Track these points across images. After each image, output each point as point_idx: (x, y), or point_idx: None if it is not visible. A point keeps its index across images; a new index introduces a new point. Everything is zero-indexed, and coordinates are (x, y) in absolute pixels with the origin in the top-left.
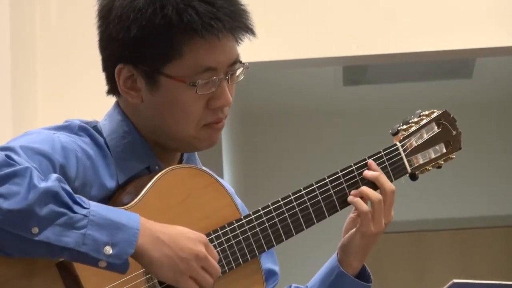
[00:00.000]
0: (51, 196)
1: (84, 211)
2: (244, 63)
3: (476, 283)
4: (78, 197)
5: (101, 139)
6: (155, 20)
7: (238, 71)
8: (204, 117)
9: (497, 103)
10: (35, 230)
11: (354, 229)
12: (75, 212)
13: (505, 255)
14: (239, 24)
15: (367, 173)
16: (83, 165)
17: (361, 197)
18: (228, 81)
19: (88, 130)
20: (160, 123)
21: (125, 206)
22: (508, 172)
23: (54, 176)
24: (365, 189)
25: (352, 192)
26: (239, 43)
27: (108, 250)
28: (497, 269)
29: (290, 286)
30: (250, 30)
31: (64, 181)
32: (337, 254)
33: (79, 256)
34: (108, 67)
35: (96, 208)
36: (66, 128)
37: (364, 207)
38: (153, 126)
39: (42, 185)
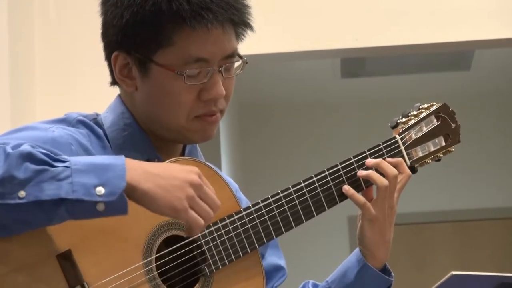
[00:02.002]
0: (26, 157)
1: (64, 164)
2: (243, 58)
3: (475, 275)
4: (57, 154)
5: (100, 131)
6: (145, 6)
7: (235, 65)
8: (196, 108)
9: (496, 95)
10: (22, 194)
11: (360, 220)
12: (55, 166)
13: (506, 247)
14: (233, 17)
15: (370, 161)
16: None
17: (368, 181)
18: (222, 73)
19: (86, 122)
20: (153, 112)
21: None
22: (508, 164)
23: (26, 143)
24: (372, 173)
25: (361, 172)
26: (241, 38)
27: (100, 190)
28: (498, 261)
29: (308, 283)
30: (246, 24)
31: (39, 147)
32: (359, 249)
33: (74, 207)
34: (108, 56)
35: (77, 158)
36: (64, 121)
37: (361, 200)
38: (147, 116)
39: (15, 150)
